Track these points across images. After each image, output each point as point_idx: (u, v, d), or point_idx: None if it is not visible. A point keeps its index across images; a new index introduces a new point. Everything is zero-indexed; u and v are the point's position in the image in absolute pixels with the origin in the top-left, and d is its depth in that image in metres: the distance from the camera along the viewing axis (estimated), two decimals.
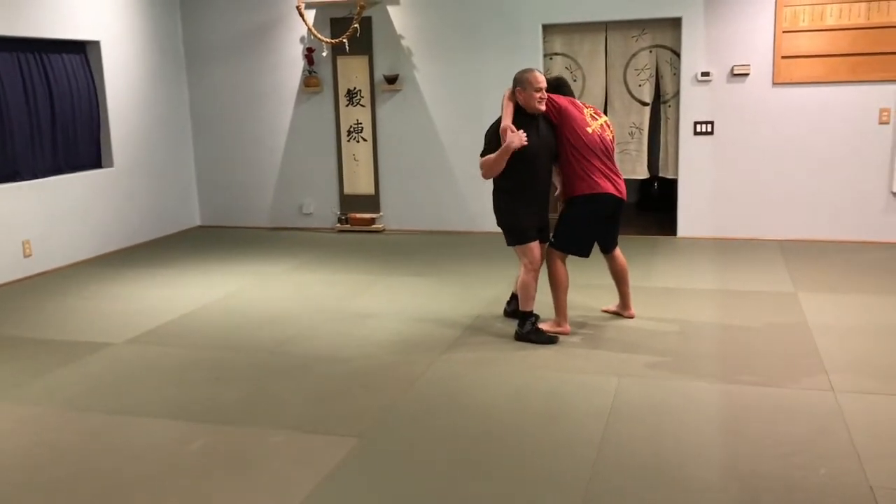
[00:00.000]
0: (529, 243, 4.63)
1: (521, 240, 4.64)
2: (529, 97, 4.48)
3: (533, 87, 4.46)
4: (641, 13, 7.16)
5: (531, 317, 4.65)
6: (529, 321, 4.64)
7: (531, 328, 4.63)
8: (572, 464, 3.21)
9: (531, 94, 4.47)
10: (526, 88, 4.48)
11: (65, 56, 6.97)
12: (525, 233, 4.63)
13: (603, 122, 4.74)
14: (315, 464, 3.26)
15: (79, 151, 7.17)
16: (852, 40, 6.73)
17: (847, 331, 4.69)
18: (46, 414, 3.85)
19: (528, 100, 4.49)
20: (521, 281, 4.64)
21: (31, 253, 6.56)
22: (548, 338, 4.62)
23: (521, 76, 4.52)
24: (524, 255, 4.64)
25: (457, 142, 7.78)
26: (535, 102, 4.49)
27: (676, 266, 6.37)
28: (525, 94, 4.49)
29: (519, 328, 4.68)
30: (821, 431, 3.42)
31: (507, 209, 4.64)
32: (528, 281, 4.62)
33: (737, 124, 7.13)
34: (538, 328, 4.65)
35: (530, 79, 4.48)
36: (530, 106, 4.51)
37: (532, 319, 4.64)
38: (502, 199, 4.65)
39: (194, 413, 3.80)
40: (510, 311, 5.06)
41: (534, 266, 4.63)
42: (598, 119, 4.73)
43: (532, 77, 4.48)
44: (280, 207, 8.43)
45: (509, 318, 5.02)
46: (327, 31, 7.85)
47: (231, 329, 5.07)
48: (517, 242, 4.66)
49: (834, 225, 7.04)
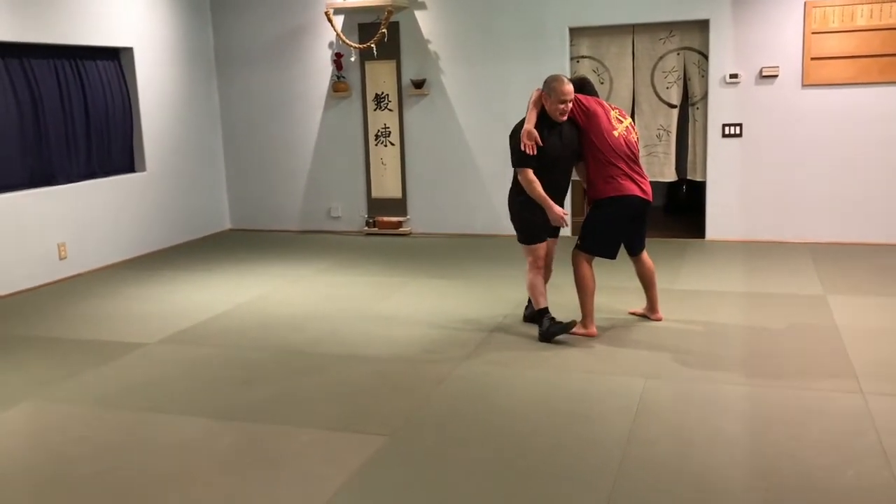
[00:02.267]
0: (538, 244, 4.71)
1: (532, 240, 4.73)
2: (553, 107, 4.52)
3: (558, 98, 4.49)
4: (669, 15, 7.15)
5: (547, 313, 4.68)
6: (547, 318, 4.67)
7: (549, 323, 4.64)
8: (599, 463, 3.22)
9: (555, 105, 4.51)
10: (551, 96, 4.50)
11: (99, 63, 7.11)
12: (537, 234, 4.72)
13: (628, 125, 4.75)
14: (343, 462, 3.30)
15: (112, 156, 7.31)
16: (883, 41, 6.66)
17: (876, 333, 4.65)
18: (80, 412, 3.93)
19: (551, 108, 4.53)
20: (528, 281, 4.75)
21: (66, 255, 6.70)
22: (563, 326, 4.62)
23: (550, 84, 4.54)
24: (530, 254, 4.74)
25: (483, 146, 7.81)
26: (558, 114, 4.53)
27: (704, 269, 6.35)
28: (550, 101, 4.52)
29: (539, 328, 4.70)
30: (849, 433, 3.40)
31: (524, 209, 4.70)
32: (533, 280, 4.73)
33: (765, 126, 7.09)
34: (553, 319, 4.66)
35: (558, 89, 4.49)
36: (552, 115, 4.55)
37: (548, 315, 4.67)
38: (519, 198, 4.71)
39: (225, 411, 3.87)
40: (528, 315, 5.05)
41: (538, 264, 4.73)
42: (624, 121, 4.73)
43: (560, 87, 4.49)
44: (309, 211, 8.52)
45: (529, 323, 5.02)
46: (355, 36, 7.93)
47: (261, 330, 5.14)
48: (528, 242, 4.75)
49: (864, 228, 6.97)
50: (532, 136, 4.53)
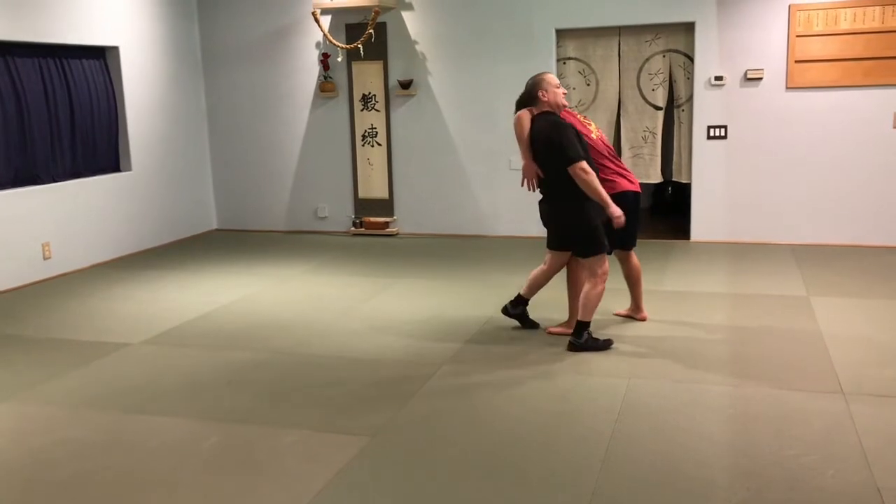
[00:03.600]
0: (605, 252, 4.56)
1: (601, 248, 4.52)
2: (556, 96, 4.50)
3: (553, 85, 4.50)
4: (655, 18, 7.18)
5: (588, 326, 4.54)
6: (588, 331, 4.53)
7: (588, 338, 4.52)
8: (582, 463, 3.23)
9: (555, 91, 4.50)
10: (549, 89, 4.48)
11: (84, 61, 7.08)
12: (604, 240, 4.54)
13: (595, 126, 4.89)
14: (326, 462, 3.30)
15: (97, 155, 7.28)
16: (866, 44, 6.72)
17: (859, 335, 4.69)
18: (62, 413, 3.91)
19: (555, 97, 4.50)
20: (595, 293, 4.49)
21: (50, 255, 6.66)
22: (604, 343, 4.55)
23: (539, 82, 4.52)
24: (601, 266, 4.51)
25: (470, 147, 7.83)
26: (561, 98, 4.53)
27: (689, 270, 6.38)
28: (549, 93, 4.48)
29: (576, 338, 4.52)
30: (830, 434, 3.43)
31: (591, 216, 4.47)
32: (601, 293, 4.52)
33: (750, 128, 7.13)
34: (594, 337, 4.56)
35: (548, 79, 4.51)
36: (558, 103, 4.52)
37: (589, 329, 4.54)
38: (584, 207, 4.46)
39: (209, 412, 3.86)
40: (515, 312, 4.92)
41: (606, 277, 4.55)
42: (591, 125, 4.86)
43: (549, 77, 4.53)
44: (295, 211, 8.51)
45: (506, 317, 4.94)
46: (342, 36, 7.93)
47: (246, 330, 5.13)
48: (598, 252, 4.51)
49: (847, 229, 7.02)
50: (532, 172, 4.55)
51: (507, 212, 7.76)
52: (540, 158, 4.52)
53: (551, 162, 4.45)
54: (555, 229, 4.69)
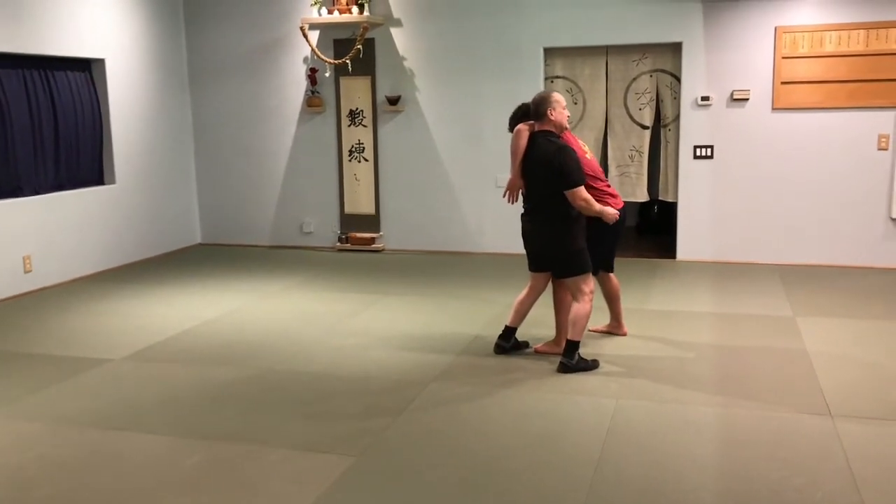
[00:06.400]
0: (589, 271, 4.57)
1: (587, 267, 4.54)
2: (561, 115, 4.50)
3: (562, 105, 4.50)
4: (642, 38, 7.22)
5: (578, 347, 4.51)
6: (579, 352, 4.50)
7: (579, 359, 4.49)
8: (569, 484, 3.20)
9: (562, 112, 4.51)
10: (556, 108, 4.47)
11: (69, 73, 7.03)
12: (588, 260, 4.55)
13: (589, 148, 4.92)
14: (312, 482, 3.25)
15: (81, 168, 7.21)
16: (851, 67, 6.78)
17: (845, 355, 4.70)
18: (42, 429, 3.84)
19: (560, 118, 4.50)
20: (584, 312, 4.47)
21: (31, 269, 6.57)
22: (592, 363, 4.53)
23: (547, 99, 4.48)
24: (587, 284, 4.52)
25: (458, 163, 7.82)
26: (566, 120, 4.55)
27: (675, 289, 6.38)
28: (556, 112, 4.48)
29: (567, 359, 4.48)
30: (817, 455, 3.41)
31: (578, 235, 4.51)
32: (589, 312, 4.51)
33: (736, 149, 7.17)
34: (583, 357, 4.53)
35: (555, 98, 4.50)
36: (563, 125, 4.53)
37: (579, 351, 4.51)
38: (571, 226, 4.49)
39: (192, 429, 3.80)
40: (509, 346, 4.79)
41: (593, 295, 4.56)
42: (585, 146, 4.87)
43: (557, 97, 4.51)
44: (281, 226, 8.46)
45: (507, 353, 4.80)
46: (330, 51, 7.92)
47: (230, 346, 5.07)
48: (584, 271, 4.52)
49: (833, 250, 7.06)
50: (517, 186, 4.58)
51: (494, 228, 7.75)
52: (531, 176, 4.52)
53: (547, 183, 4.44)
54: (539, 249, 4.66)
